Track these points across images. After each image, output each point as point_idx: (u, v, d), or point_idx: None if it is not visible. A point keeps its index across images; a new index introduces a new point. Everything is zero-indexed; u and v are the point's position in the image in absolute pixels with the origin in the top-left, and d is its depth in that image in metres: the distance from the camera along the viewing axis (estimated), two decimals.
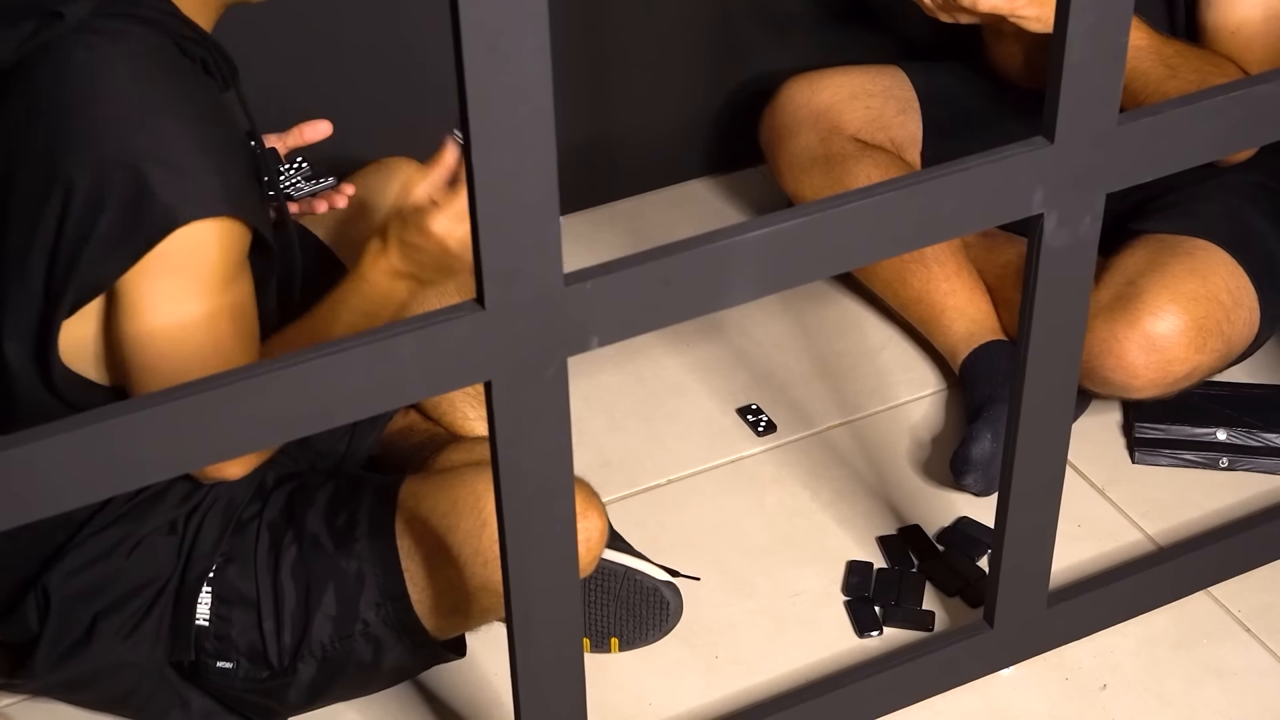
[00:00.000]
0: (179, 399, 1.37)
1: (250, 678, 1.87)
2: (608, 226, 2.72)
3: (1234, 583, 2.12)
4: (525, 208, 1.40)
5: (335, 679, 1.89)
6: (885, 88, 2.52)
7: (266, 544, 1.86)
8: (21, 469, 1.34)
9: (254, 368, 1.40)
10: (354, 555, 1.86)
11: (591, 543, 1.85)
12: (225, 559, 1.86)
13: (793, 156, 2.50)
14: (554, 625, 1.66)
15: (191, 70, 1.77)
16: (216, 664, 1.86)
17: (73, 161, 1.68)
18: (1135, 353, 2.15)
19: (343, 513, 1.88)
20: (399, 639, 1.88)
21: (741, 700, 2.00)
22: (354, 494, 1.90)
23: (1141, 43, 2.18)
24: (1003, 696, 2.00)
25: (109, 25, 1.72)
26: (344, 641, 1.86)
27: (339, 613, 1.86)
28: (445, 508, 1.85)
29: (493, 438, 1.52)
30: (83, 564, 1.83)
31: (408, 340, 1.43)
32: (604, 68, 2.67)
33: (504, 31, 1.32)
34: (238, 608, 1.85)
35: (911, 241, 1.63)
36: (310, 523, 1.88)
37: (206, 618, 1.85)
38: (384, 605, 1.86)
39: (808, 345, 2.48)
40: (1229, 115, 1.68)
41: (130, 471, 1.39)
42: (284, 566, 1.86)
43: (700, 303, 1.54)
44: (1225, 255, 2.22)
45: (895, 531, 2.20)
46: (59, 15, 1.71)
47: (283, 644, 1.86)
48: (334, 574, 1.85)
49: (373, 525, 1.86)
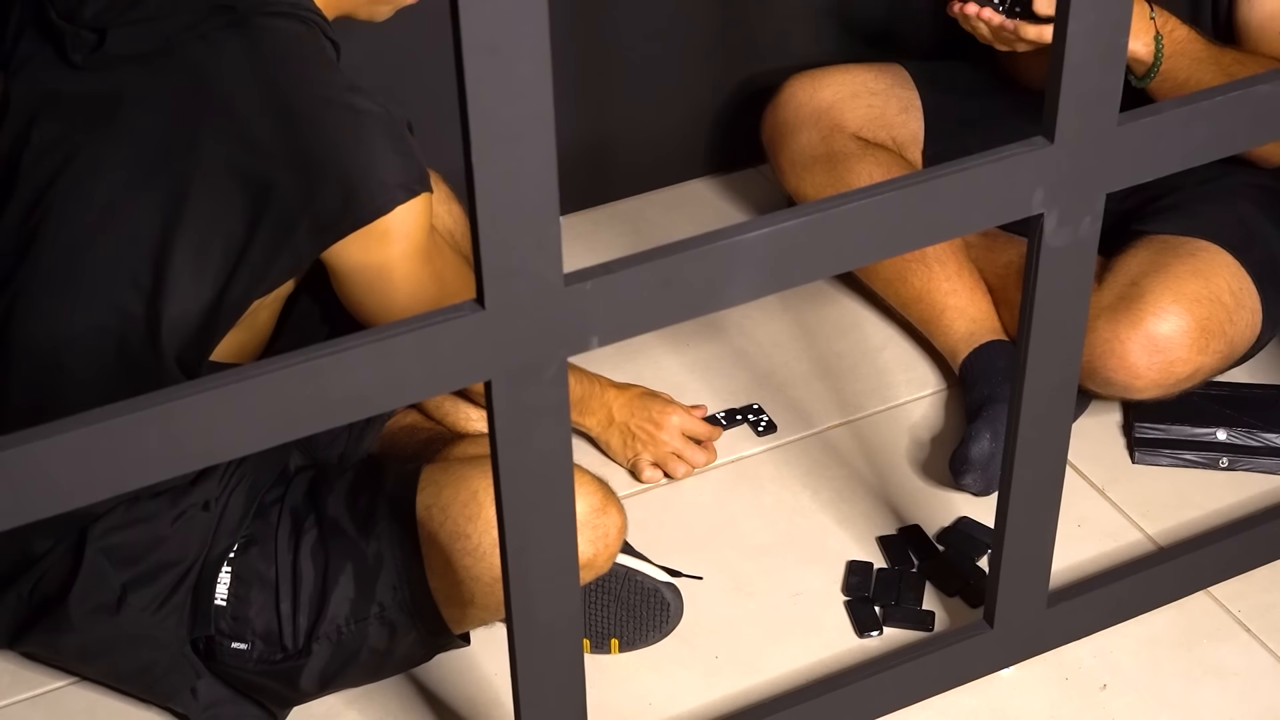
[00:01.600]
0: (178, 399, 1.37)
1: (264, 659, 1.88)
2: (608, 226, 2.72)
3: (1234, 583, 2.12)
4: (525, 208, 1.40)
5: (348, 664, 1.90)
6: (887, 86, 2.52)
7: (288, 527, 1.88)
8: (26, 467, 1.34)
9: (253, 368, 1.40)
10: (374, 539, 1.87)
11: (610, 539, 1.87)
12: (246, 540, 1.87)
13: (794, 155, 2.50)
14: (554, 625, 1.66)
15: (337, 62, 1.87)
16: (231, 644, 1.87)
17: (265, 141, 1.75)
18: (1138, 353, 2.15)
19: (363, 497, 1.90)
20: (413, 625, 1.88)
21: (741, 700, 2.00)
22: (375, 480, 1.92)
23: (1201, 54, 2.18)
24: (1003, 696, 2.00)
25: (276, 23, 1.79)
26: (359, 625, 1.87)
27: (356, 595, 1.87)
28: (465, 498, 1.85)
29: (493, 438, 1.52)
30: (126, 522, 1.84)
31: (408, 340, 1.43)
32: (604, 68, 2.67)
33: (504, 31, 1.32)
34: (256, 588, 1.87)
35: (912, 241, 1.63)
36: (331, 507, 1.89)
37: (225, 597, 1.86)
38: (401, 589, 1.87)
39: (808, 345, 2.48)
40: (1229, 115, 1.68)
41: (130, 471, 1.39)
42: (304, 548, 1.87)
43: (700, 303, 1.54)
44: (1228, 256, 2.22)
45: (895, 531, 2.20)
46: (230, 8, 1.78)
47: (298, 626, 1.87)
48: (353, 556, 1.87)
49: (393, 510, 1.88)
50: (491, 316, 1.44)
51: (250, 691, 1.91)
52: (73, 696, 2.01)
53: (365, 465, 1.97)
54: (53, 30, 1.83)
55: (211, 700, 1.91)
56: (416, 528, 1.86)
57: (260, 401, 1.40)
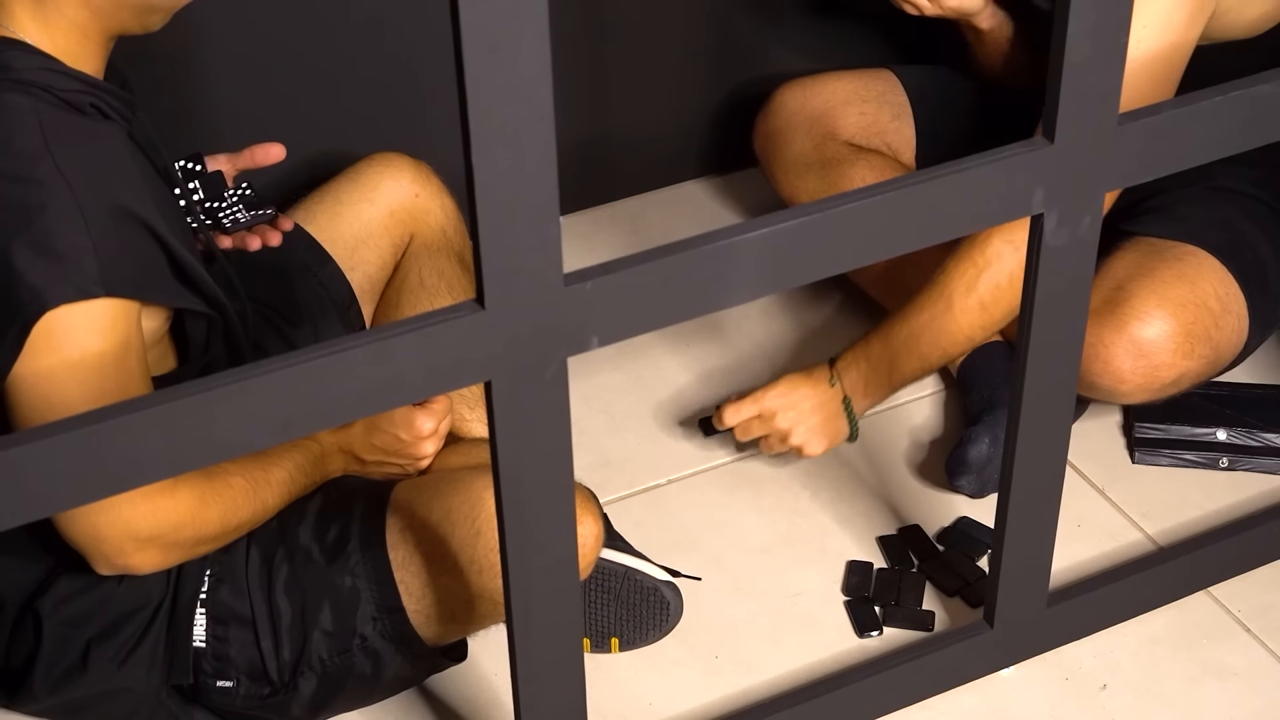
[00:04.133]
0: (178, 399, 1.37)
1: (251, 695, 1.86)
2: (608, 226, 2.72)
3: (1234, 583, 2.12)
4: (525, 208, 1.40)
5: (336, 692, 1.88)
6: (879, 93, 2.52)
7: (257, 561, 1.85)
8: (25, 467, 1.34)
9: (253, 368, 1.40)
10: (348, 571, 1.84)
11: (586, 547, 1.83)
12: (216, 579, 1.84)
13: (788, 162, 2.50)
14: (554, 625, 1.66)
15: (81, 125, 1.68)
16: (217, 684, 1.85)
17: None
18: (1122, 358, 2.14)
19: (334, 526, 1.86)
20: (397, 651, 1.87)
21: (741, 700, 2.00)
22: (344, 505, 1.88)
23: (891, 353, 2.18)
24: (1003, 696, 2.00)
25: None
26: (342, 656, 1.85)
27: (335, 628, 1.84)
28: (439, 516, 1.83)
29: (493, 438, 1.52)
30: (73, 591, 1.81)
31: (408, 340, 1.43)
32: (604, 68, 2.67)
33: (504, 31, 1.32)
34: (234, 627, 1.84)
35: (911, 242, 1.63)
36: (302, 537, 1.86)
37: (203, 639, 1.83)
38: (380, 619, 1.84)
39: (808, 345, 2.48)
40: (1229, 115, 1.68)
41: (130, 471, 1.39)
42: (277, 584, 1.84)
43: (700, 303, 1.54)
44: (1214, 261, 2.21)
45: (895, 531, 2.20)
46: None
47: (282, 660, 1.84)
48: (328, 590, 1.84)
49: (364, 538, 1.85)
50: (491, 316, 1.44)
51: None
52: None
53: (334, 488, 1.92)
54: None
55: None
56: (389, 554, 1.84)
57: (260, 401, 1.40)
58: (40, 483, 1.36)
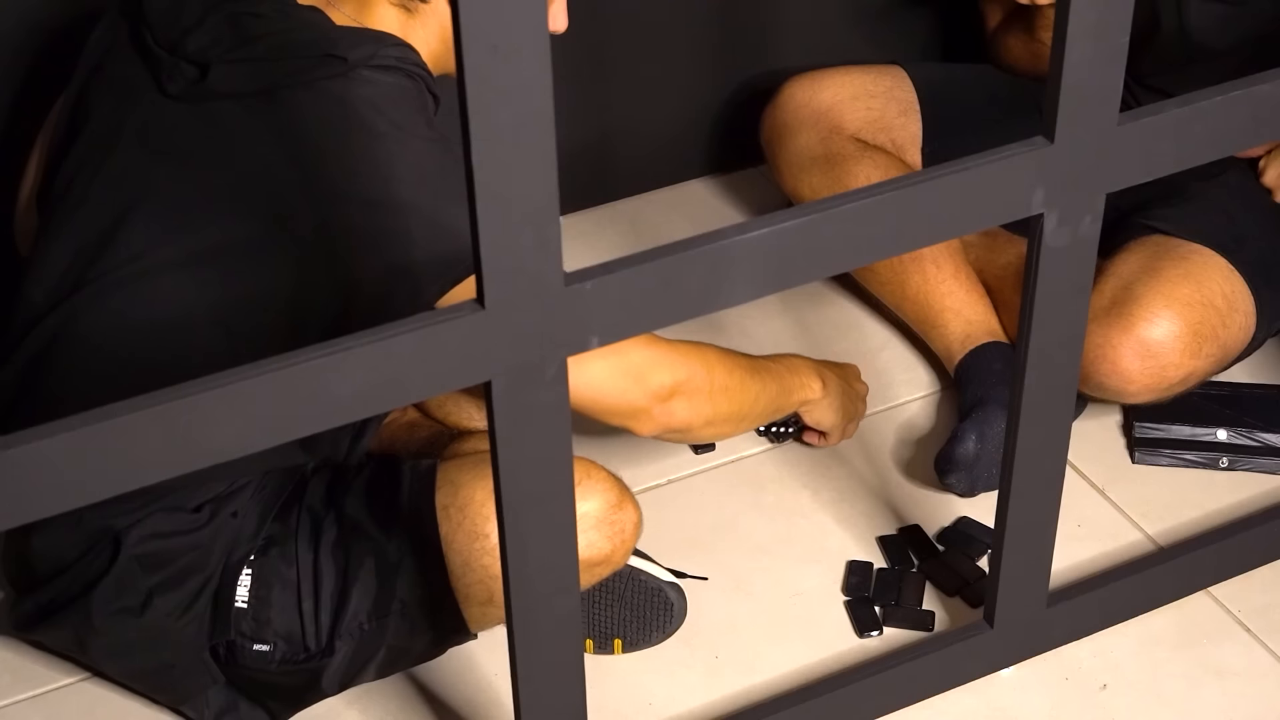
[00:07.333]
0: (179, 399, 1.37)
1: (288, 659, 1.88)
2: (608, 226, 2.72)
3: (1234, 583, 2.12)
4: (525, 208, 1.40)
5: (369, 660, 1.90)
6: (887, 89, 2.52)
7: (308, 527, 1.88)
8: (29, 465, 1.34)
9: (253, 368, 1.40)
10: (393, 536, 1.87)
11: (626, 534, 1.87)
12: (266, 542, 1.87)
13: (793, 156, 2.50)
14: (554, 625, 1.66)
15: None
16: (253, 646, 1.87)
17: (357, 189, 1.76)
18: (1130, 358, 2.14)
19: (382, 496, 1.90)
20: (433, 623, 1.89)
21: (741, 700, 2.00)
22: (392, 479, 1.92)
23: None
24: (1003, 696, 2.00)
25: (381, 77, 1.81)
26: (381, 621, 1.88)
27: (378, 590, 1.87)
28: (482, 496, 1.85)
29: (493, 438, 1.52)
30: (166, 531, 1.85)
31: (408, 340, 1.43)
32: (604, 68, 2.67)
33: (504, 31, 1.32)
34: (277, 589, 1.87)
35: (912, 241, 1.63)
36: (350, 506, 1.89)
37: (245, 599, 1.86)
38: (422, 587, 1.87)
39: (808, 345, 2.48)
40: (1229, 115, 1.68)
41: (131, 471, 1.39)
42: (323, 548, 1.87)
43: (700, 303, 1.54)
44: (1221, 260, 2.21)
45: (895, 531, 2.20)
46: (340, 59, 1.79)
47: (320, 624, 1.87)
48: (373, 553, 1.87)
49: (411, 508, 1.88)
50: (491, 316, 1.45)
51: (265, 694, 1.91)
52: (73, 696, 2.01)
53: (381, 464, 1.96)
54: (149, 56, 1.84)
55: (222, 707, 1.91)
56: (435, 527, 1.86)
57: (260, 401, 1.40)
58: (42, 482, 1.36)
